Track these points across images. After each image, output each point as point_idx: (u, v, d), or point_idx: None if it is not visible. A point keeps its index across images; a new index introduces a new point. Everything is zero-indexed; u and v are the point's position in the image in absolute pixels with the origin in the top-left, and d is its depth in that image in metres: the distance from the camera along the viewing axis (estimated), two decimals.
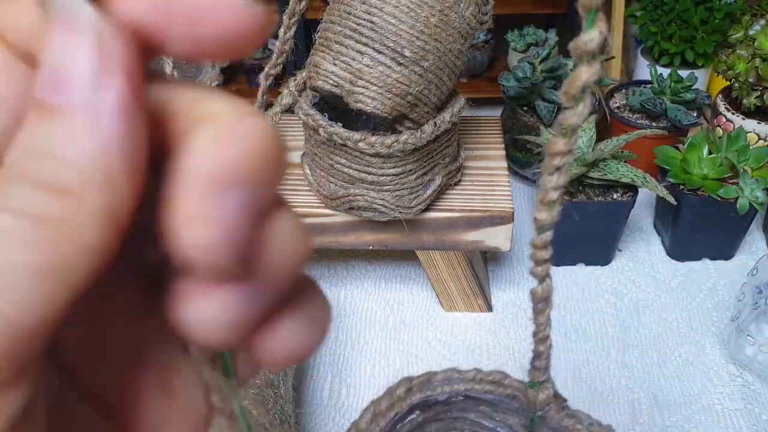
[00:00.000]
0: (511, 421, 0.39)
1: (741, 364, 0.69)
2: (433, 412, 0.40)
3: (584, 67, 0.20)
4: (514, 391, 0.37)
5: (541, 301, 0.32)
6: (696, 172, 0.75)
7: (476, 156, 0.75)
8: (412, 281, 0.79)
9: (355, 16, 0.58)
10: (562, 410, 0.36)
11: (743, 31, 0.87)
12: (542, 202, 0.25)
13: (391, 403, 0.37)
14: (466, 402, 0.39)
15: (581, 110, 0.21)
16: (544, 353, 0.34)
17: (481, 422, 0.40)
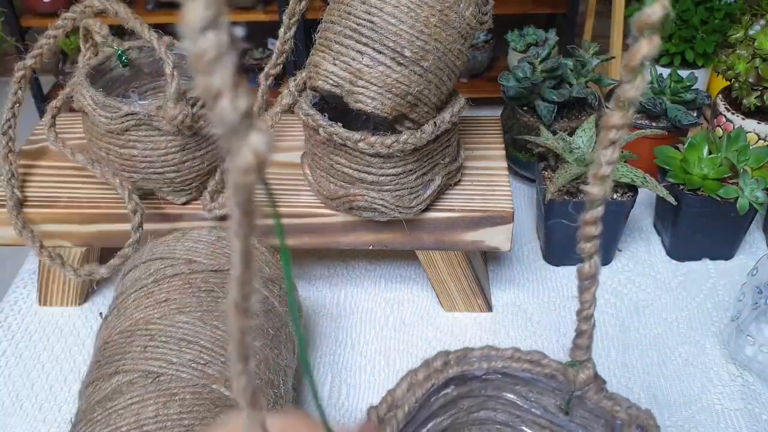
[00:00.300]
0: (545, 401, 0.39)
1: (741, 364, 0.69)
2: (468, 388, 0.39)
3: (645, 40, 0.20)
4: (552, 371, 0.37)
5: (588, 278, 0.31)
6: (696, 172, 0.75)
7: (476, 156, 0.75)
8: (412, 281, 0.79)
9: (355, 16, 0.58)
10: (600, 391, 0.36)
11: (743, 31, 0.87)
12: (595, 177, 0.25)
13: (428, 374, 0.36)
14: (502, 380, 0.39)
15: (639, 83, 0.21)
16: (587, 332, 0.33)
17: (515, 402, 0.40)
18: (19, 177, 0.71)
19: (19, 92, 0.70)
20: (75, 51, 1.63)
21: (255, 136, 0.15)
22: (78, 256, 0.71)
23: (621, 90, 0.22)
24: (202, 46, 0.14)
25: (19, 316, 0.75)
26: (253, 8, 1.27)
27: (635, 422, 0.35)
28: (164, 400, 0.47)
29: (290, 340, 0.58)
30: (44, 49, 0.68)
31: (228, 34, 0.14)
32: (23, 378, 0.68)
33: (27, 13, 1.22)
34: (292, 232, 0.69)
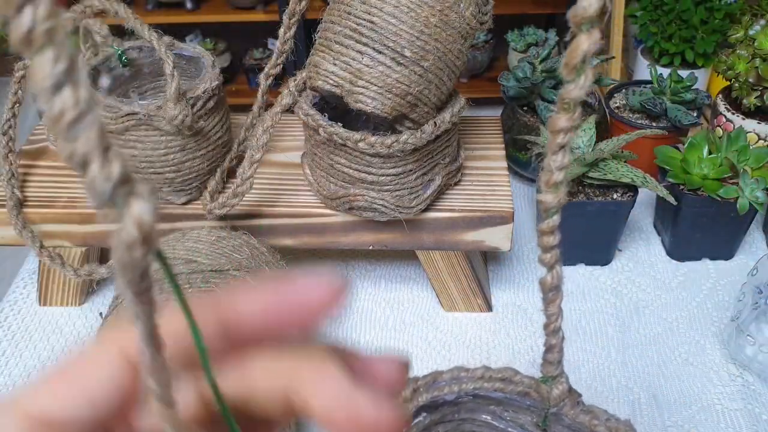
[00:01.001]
0: (522, 419, 0.38)
1: (741, 364, 0.69)
2: (441, 414, 0.38)
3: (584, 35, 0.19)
4: (525, 388, 0.35)
5: (552, 290, 0.30)
6: (696, 172, 0.75)
7: (476, 156, 0.75)
8: (412, 281, 0.79)
9: (355, 16, 0.58)
10: (577, 405, 0.35)
11: (743, 31, 0.87)
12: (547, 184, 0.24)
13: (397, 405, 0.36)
14: (474, 402, 0.38)
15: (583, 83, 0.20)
16: (556, 345, 0.32)
17: (491, 423, 0.39)
18: (19, 177, 0.71)
19: (19, 92, 0.70)
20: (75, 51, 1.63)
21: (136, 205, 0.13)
22: (78, 256, 0.71)
23: (564, 91, 0.20)
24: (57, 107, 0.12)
25: (19, 316, 0.75)
26: (253, 8, 1.27)
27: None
28: None
29: None
30: None
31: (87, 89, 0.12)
32: (23, 378, 0.68)
33: None
34: (292, 232, 0.69)
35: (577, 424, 0.35)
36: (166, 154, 0.66)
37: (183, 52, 0.72)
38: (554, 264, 0.29)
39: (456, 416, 0.39)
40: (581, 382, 0.68)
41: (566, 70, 0.20)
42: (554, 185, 0.24)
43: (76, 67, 0.12)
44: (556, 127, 0.22)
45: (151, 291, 0.14)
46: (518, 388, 0.36)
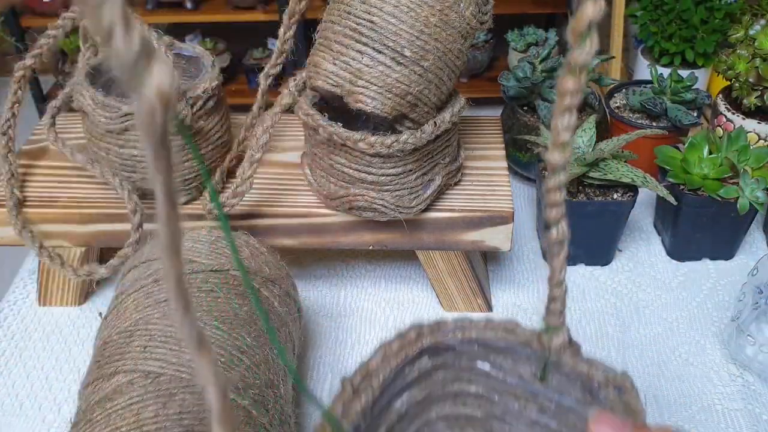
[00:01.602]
0: (521, 370, 0.38)
1: (741, 365, 0.68)
2: (442, 360, 0.39)
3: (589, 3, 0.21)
4: (527, 338, 0.36)
5: (557, 244, 0.31)
6: (696, 172, 0.75)
7: (476, 156, 0.75)
8: (412, 281, 0.79)
9: (355, 15, 0.58)
10: (576, 356, 0.35)
11: (743, 31, 0.87)
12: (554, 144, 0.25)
13: (402, 345, 0.36)
14: (476, 351, 0.38)
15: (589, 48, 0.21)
16: (559, 297, 0.33)
17: (489, 373, 0.39)
18: (19, 177, 0.71)
19: (19, 92, 0.70)
20: (74, 51, 1.63)
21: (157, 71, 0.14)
22: (78, 256, 0.71)
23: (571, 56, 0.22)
24: None
25: (18, 316, 0.75)
26: (253, 8, 1.27)
27: (612, 383, 0.35)
28: (164, 400, 0.46)
29: (290, 340, 0.58)
30: (44, 49, 0.68)
31: None
32: (23, 378, 0.68)
33: (27, 13, 1.22)
34: (292, 232, 0.69)
35: (575, 372, 0.35)
36: None
37: (183, 52, 0.72)
38: (560, 219, 0.30)
39: (457, 363, 0.39)
40: None
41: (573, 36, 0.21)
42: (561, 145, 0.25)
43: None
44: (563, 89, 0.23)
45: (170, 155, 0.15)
46: (520, 338, 0.36)
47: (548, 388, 0.38)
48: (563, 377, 0.37)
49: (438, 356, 0.39)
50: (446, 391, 0.40)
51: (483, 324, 0.37)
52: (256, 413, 0.49)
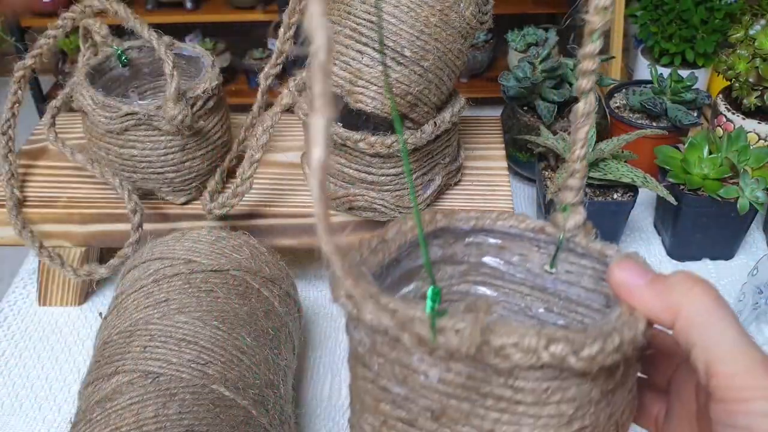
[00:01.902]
0: (530, 263, 0.37)
1: None
2: (452, 251, 0.38)
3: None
4: (539, 225, 0.36)
5: (584, 115, 0.31)
6: (696, 172, 0.75)
7: (476, 156, 0.75)
8: None
9: (355, 15, 0.58)
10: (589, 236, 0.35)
11: (743, 31, 0.87)
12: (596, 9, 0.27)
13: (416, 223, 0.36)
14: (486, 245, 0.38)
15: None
16: (579, 171, 0.32)
17: (497, 269, 0.38)
18: (19, 177, 0.71)
19: (19, 92, 0.70)
20: (74, 51, 1.63)
21: None
22: (78, 256, 0.71)
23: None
24: None
25: (18, 316, 0.75)
26: (253, 8, 1.27)
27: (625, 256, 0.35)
28: (164, 400, 0.46)
29: (290, 340, 0.58)
30: (44, 49, 0.68)
31: None
32: (23, 378, 0.68)
33: (26, 13, 1.23)
34: (292, 232, 0.69)
35: (589, 251, 0.35)
36: (166, 154, 0.66)
37: (183, 52, 0.72)
38: (590, 90, 0.30)
39: (466, 258, 0.38)
40: None
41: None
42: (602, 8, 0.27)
43: None
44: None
45: None
46: (532, 224, 0.36)
47: (557, 279, 0.37)
48: (573, 265, 0.36)
49: (449, 247, 0.38)
50: (453, 291, 0.39)
51: (496, 215, 0.36)
52: (256, 413, 0.49)
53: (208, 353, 0.50)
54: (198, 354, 0.49)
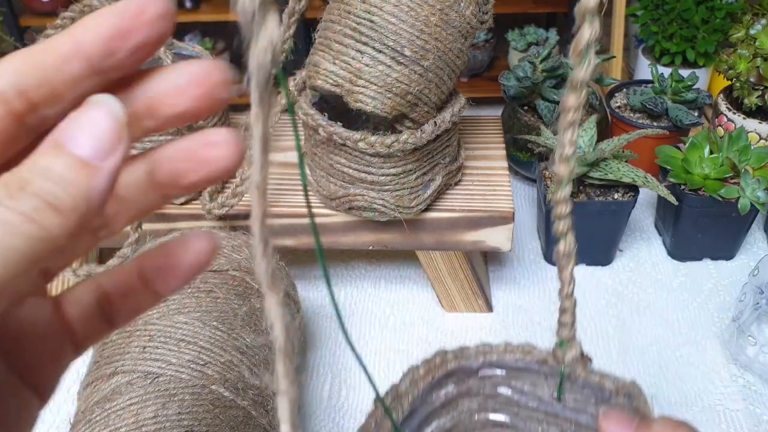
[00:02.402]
0: (540, 392, 0.40)
1: (742, 365, 0.68)
2: (467, 386, 0.41)
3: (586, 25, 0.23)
4: (542, 357, 0.39)
5: (565, 256, 0.33)
6: (697, 172, 0.75)
7: (477, 156, 0.75)
8: (412, 281, 0.79)
9: (355, 15, 0.57)
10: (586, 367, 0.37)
11: (744, 31, 0.86)
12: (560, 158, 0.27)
13: (428, 369, 0.39)
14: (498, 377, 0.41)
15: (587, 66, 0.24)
16: (569, 308, 0.35)
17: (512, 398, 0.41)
18: None
19: None
20: None
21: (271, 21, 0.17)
22: None
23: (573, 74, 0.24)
24: None
25: None
26: None
27: (623, 391, 0.37)
28: (163, 400, 0.46)
29: None
30: None
31: None
32: None
33: (26, 13, 1.22)
34: (292, 232, 0.69)
35: (588, 385, 0.37)
36: None
37: (182, 52, 0.72)
38: (567, 232, 0.32)
39: (481, 391, 0.41)
40: None
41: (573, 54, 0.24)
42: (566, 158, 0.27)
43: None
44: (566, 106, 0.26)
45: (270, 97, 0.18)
46: (536, 356, 0.39)
47: (566, 407, 0.40)
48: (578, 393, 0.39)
49: (463, 383, 0.41)
50: (473, 421, 0.43)
51: (503, 347, 0.40)
52: (256, 414, 0.49)
53: (207, 353, 0.50)
54: (197, 354, 0.49)
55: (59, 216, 0.17)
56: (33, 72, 0.18)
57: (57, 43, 0.18)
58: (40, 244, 0.17)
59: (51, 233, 0.17)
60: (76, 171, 0.17)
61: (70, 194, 0.17)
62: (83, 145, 0.17)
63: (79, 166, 0.17)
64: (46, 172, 0.17)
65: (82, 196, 0.17)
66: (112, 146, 0.17)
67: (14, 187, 0.16)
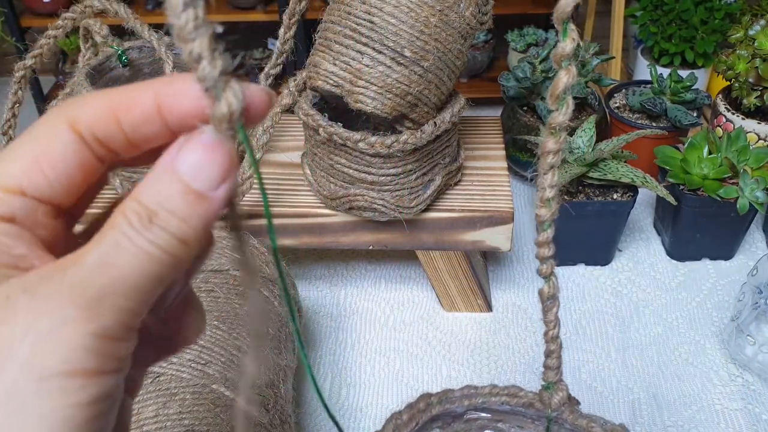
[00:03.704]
0: None
1: (741, 364, 0.69)
2: (453, 429, 0.41)
3: (563, 71, 0.23)
4: (529, 400, 0.38)
5: (549, 298, 0.33)
6: (696, 172, 0.75)
7: (476, 156, 0.75)
8: (412, 281, 0.79)
9: (355, 16, 0.58)
10: (575, 412, 0.37)
11: (743, 31, 0.87)
12: (541, 200, 0.27)
13: (412, 414, 0.38)
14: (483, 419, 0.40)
15: (565, 110, 0.24)
16: (555, 351, 0.35)
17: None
18: None
19: (19, 92, 0.70)
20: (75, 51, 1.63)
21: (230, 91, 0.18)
22: None
23: (551, 118, 0.24)
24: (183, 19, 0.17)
25: None
26: (253, 8, 1.27)
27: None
28: (164, 399, 0.47)
29: (290, 339, 0.58)
30: (44, 49, 0.68)
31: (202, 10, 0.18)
32: None
33: (27, 13, 1.22)
34: (292, 232, 0.69)
35: (576, 427, 0.37)
36: None
37: (182, 52, 0.72)
38: (551, 274, 0.32)
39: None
40: (581, 383, 0.68)
41: (551, 100, 0.24)
42: (547, 201, 0.27)
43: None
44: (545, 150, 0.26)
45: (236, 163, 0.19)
46: (522, 399, 0.38)
47: None
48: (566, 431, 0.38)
49: (448, 426, 0.40)
50: None
51: (488, 390, 0.39)
52: (257, 413, 0.49)
53: (208, 353, 0.50)
54: (198, 353, 0.50)
55: (187, 247, 0.19)
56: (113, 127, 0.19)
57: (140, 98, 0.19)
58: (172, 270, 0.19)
59: (181, 261, 0.19)
60: (197, 205, 0.19)
61: (194, 227, 0.19)
62: (201, 179, 0.19)
63: (198, 199, 0.19)
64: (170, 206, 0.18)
65: (202, 226, 0.19)
66: (226, 176, 0.19)
67: (145, 219, 0.18)
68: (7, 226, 0.19)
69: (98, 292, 0.18)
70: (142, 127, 0.20)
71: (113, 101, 0.20)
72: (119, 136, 0.20)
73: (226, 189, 0.19)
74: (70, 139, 0.19)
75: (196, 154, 0.19)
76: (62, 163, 0.19)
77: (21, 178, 0.19)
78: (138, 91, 0.20)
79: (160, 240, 0.18)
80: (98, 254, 0.18)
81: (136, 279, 0.18)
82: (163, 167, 0.19)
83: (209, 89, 0.18)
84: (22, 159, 0.19)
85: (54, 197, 0.20)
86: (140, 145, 0.20)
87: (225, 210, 0.20)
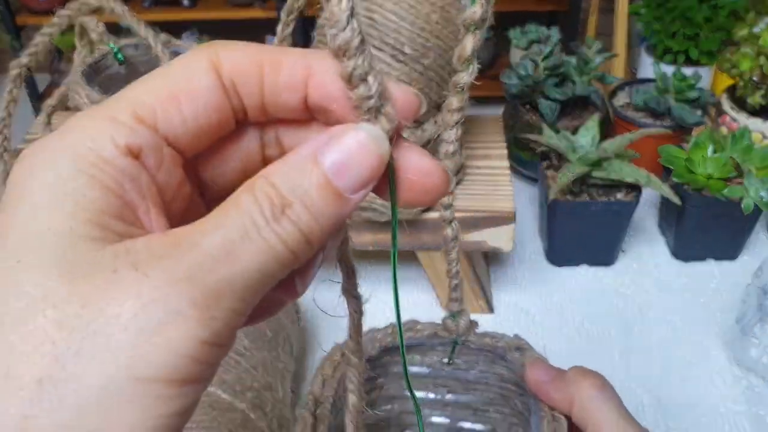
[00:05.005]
0: (430, 360, 0.45)
1: (745, 366, 0.68)
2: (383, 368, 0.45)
3: (470, 35, 0.26)
4: (432, 330, 0.43)
5: (452, 240, 0.37)
6: (700, 171, 0.74)
7: (478, 155, 0.74)
8: (412, 281, 0.79)
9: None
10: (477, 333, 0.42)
11: (748, 29, 0.86)
12: (445, 154, 0.30)
13: (334, 366, 0.44)
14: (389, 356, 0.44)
15: (471, 71, 0.26)
16: (458, 285, 0.39)
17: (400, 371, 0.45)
18: None
19: (14, 91, 0.69)
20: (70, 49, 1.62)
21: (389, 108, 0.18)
22: None
23: (456, 78, 0.26)
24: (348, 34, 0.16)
25: None
26: (251, 5, 1.26)
27: (514, 346, 0.42)
28: None
29: (288, 342, 0.58)
30: (40, 47, 0.67)
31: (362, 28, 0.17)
32: None
33: (22, 11, 1.22)
34: None
35: (482, 345, 0.42)
36: None
37: (179, 50, 0.71)
38: (452, 219, 0.36)
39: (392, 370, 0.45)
40: None
41: (458, 61, 0.25)
42: (451, 154, 0.30)
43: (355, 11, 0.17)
44: (450, 108, 0.28)
45: None
46: (425, 331, 0.43)
47: (456, 369, 0.44)
48: (470, 356, 0.43)
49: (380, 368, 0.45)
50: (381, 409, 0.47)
51: (389, 331, 0.44)
52: (254, 416, 0.49)
53: None
54: None
55: (310, 248, 0.17)
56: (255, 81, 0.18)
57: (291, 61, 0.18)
58: (287, 268, 0.17)
59: (299, 261, 0.17)
60: (331, 204, 0.17)
61: (322, 227, 0.17)
62: (344, 178, 0.17)
63: (335, 197, 0.17)
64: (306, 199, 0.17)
65: (330, 227, 0.17)
66: (368, 182, 0.17)
67: (278, 209, 0.16)
68: (129, 162, 0.17)
69: (216, 287, 0.16)
70: (283, 93, 0.18)
71: (262, 55, 0.18)
72: (257, 94, 0.18)
73: (362, 195, 0.18)
74: (210, 79, 0.18)
75: (346, 150, 0.17)
76: (202, 102, 0.17)
77: (156, 109, 0.17)
78: (289, 54, 0.18)
79: (287, 235, 0.16)
80: (222, 239, 0.16)
81: (253, 276, 0.16)
82: (304, 155, 0.17)
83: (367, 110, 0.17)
84: (158, 91, 0.17)
85: (184, 140, 0.18)
86: (270, 113, 0.18)
87: None
